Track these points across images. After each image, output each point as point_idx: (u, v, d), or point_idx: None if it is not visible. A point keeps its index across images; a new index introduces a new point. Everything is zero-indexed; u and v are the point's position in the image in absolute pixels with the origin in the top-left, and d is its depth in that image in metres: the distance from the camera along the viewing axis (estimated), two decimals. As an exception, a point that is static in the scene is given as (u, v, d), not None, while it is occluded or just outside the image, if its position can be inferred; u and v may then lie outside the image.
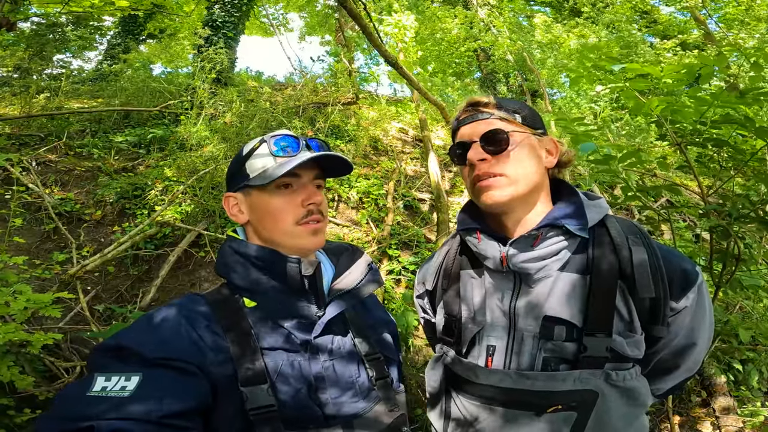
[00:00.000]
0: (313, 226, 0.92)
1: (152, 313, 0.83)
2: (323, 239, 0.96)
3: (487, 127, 0.93)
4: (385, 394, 0.92)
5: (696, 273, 0.90)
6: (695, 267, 0.91)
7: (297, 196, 0.93)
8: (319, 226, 0.93)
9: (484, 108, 0.96)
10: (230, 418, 0.77)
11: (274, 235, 0.92)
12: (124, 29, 9.57)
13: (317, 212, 0.93)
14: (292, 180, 0.92)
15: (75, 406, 0.66)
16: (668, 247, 0.94)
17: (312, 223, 0.92)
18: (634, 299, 0.87)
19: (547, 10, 13.45)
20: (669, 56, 8.89)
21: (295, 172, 0.91)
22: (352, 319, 0.97)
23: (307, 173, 0.94)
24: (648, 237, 0.92)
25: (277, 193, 0.92)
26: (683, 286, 0.88)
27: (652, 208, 2.26)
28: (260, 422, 0.76)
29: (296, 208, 0.92)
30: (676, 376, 0.98)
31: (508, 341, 0.92)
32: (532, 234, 0.91)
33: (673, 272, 0.88)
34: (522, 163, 0.92)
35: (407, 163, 6.11)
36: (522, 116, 0.96)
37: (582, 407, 0.84)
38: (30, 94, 5.88)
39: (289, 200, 0.92)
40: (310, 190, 0.93)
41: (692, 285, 0.88)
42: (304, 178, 0.94)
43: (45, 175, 4.57)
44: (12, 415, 2.22)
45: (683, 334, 0.91)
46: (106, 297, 3.52)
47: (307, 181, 0.94)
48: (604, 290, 0.87)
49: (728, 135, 1.85)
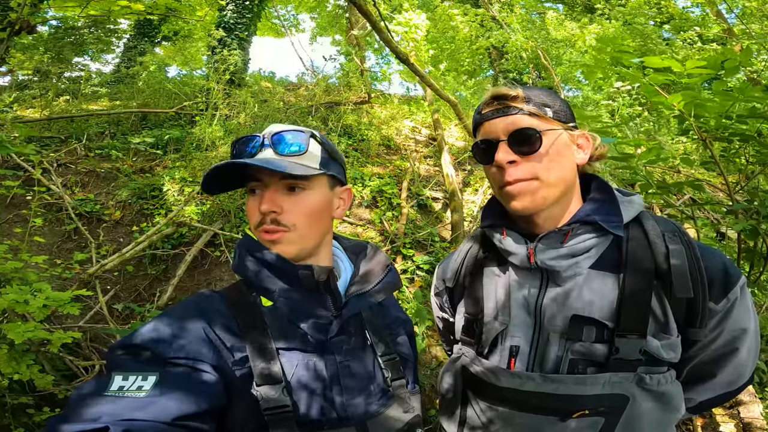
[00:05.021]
0: (267, 237, 0.87)
1: (169, 311, 0.82)
2: (287, 250, 0.87)
3: (515, 124, 0.86)
4: (400, 395, 0.91)
5: (738, 274, 0.84)
6: (736, 267, 0.86)
7: (255, 201, 0.88)
8: (273, 237, 0.86)
9: (511, 102, 0.87)
10: (244, 418, 0.76)
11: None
12: (139, 32, 9.74)
13: (271, 222, 0.86)
14: (255, 184, 0.88)
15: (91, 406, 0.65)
16: (708, 246, 0.89)
17: (264, 233, 0.87)
18: (670, 299, 0.82)
19: (559, 7, 13.25)
20: (686, 48, 8.68)
21: (256, 175, 0.87)
22: (368, 319, 0.95)
23: (270, 175, 0.86)
24: (686, 234, 0.87)
25: (248, 198, 0.91)
26: (724, 287, 0.82)
27: (673, 206, 2.20)
28: (274, 423, 0.75)
29: (255, 214, 0.88)
30: (712, 386, 0.91)
31: (533, 342, 0.88)
32: (563, 230, 0.87)
33: (714, 272, 0.83)
34: (555, 164, 0.86)
35: (420, 162, 6.08)
36: (553, 110, 0.88)
37: (610, 412, 0.80)
38: (50, 96, 6.02)
39: (252, 206, 0.89)
40: (266, 196, 0.86)
41: (733, 286, 0.83)
42: (266, 180, 0.87)
43: (65, 177, 4.67)
44: (31, 414, 2.26)
45: (723, 339, 0.85)
46: (125, 296, 3.59)
47: (271, 184, 0.87)
48: (639, 289, 0.82)
49: (754, 130, 1.79)
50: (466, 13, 9.31)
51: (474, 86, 10.68)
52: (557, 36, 9.90)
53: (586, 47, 8.53)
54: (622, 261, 0.85)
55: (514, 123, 0.87)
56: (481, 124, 0.92)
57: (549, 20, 10.87)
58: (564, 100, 0.93)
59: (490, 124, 0.90)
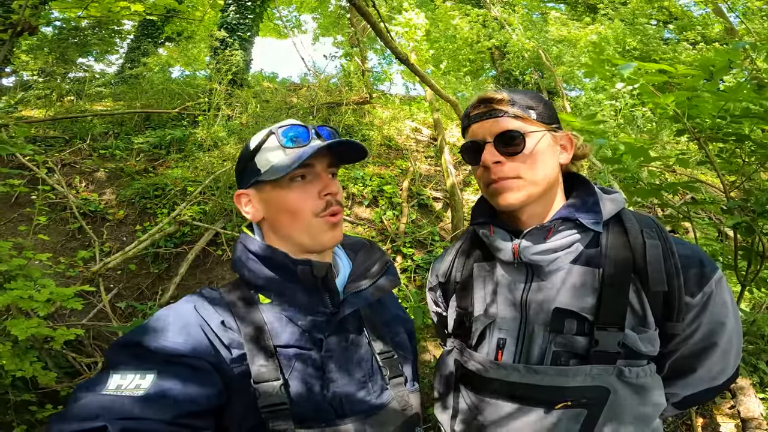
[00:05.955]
0: (332, 219, 0.88)
1: (168, 309, 0.82)
2: (341, 234, 0.92)
3: (500, 126, 0.90)
4: (398, 393, 0.91)
5: (714, 268, 0.87)
6: (712, 262, 0.88)
7: (313, 187, 0.88)
8: (338, 219, 0.89)
9: (497, 105, 0.92)
10: (242, 415, 0.77)
11: (293, 231, 0.89)
12: (142, 32, 9.79)
13: (336, 203, 0.89)
14: (305, 171, 0.88)
15: (89, 405, 0.65)
16: (685, 241, 0.92)
17: (331, 216, 0.88)
18: (647, 293, 0.84)
19: (561, 7, 13.22)
20: (687, 48, 8.65)
21: (308, 162, 0.86)
22: (367, 316, 0.96)
23: (320, 162, 0.89)
24: (664, 230, 0.90)
25: (291, 186, 0.87)
26: (699, 281, 0.85)
27: (671, 206, 2.21)
28: (272, 420, 0.76)
29: (314, 200, 0.87)
30: (693, 381, 0.93)
31: (519, 334, 0.90)
32: (545, 226, 0.90)
33: (689, 266, 0.85)
34: (538, 164, 0.90)
35: (421, 162, 6.09)
36: (537, 112, 0.92)
37: (593, 404, 0.82)
38: (54, 97, 6.06)
39: (306, 192, 0.87)
40: (325, 180, 0.89)
41: (708, 280, 0.85)
42: (318, 167, 0.89)
43: (70, 176, 4.71)
44: (34, 411, 2.27)
45: (701, 333, 0.87)
46: (128, 294, 3.62)
47: (321, 171, 0.89)
48: (617, 284, 0.85)
49: (749, 129, 1.79)
50: (468, 14, 9.31)
51: (475, 86, 10.66)
52: (559, 36, 9.87)
53: (587, 46, 8.52)
54: (601, 256, 0.88)
55: (499, 125, 0.90)
56: (469, 127, 0.96)
57: (551, 20, 10.85)
58: (548, 102, 0.97)
59: (477, 127, 0.94)
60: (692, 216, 2.17)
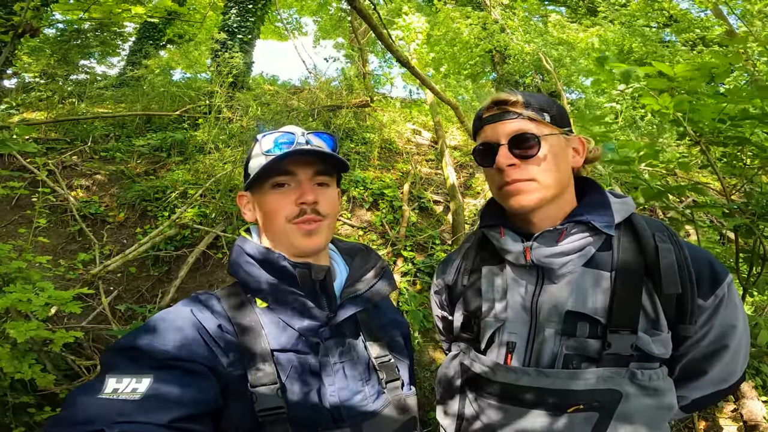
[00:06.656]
0: (305, 227, 0.88)
1: (165, 313, 0.82)
2: (320, 241, 0.90)
3: (515, 129, 0.90)
4: (395, 397, 0.91)
5: (725, 271, 0.87)
6: (723, 265, 0.89)
7: (292, 194, 0.89)
8: (312, 227, 0.88)
9: (511, 107, 0.91)
10: (239, 419, 0.77)
11: (273, 235, 0.91)
12: (144, 35, 9.81)
13: (311, 212, 0.88)
14: (286, 179, 0.89)
15: (85, 409, 0.64)
16: (695, 245, 0.92)
17: (304, 223, 0.88)
18: (659, 296, 0.85)
19: (562, 10, 13.24)
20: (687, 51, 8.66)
21: (290, 170, 0.88)
22: (363, 321, 0.96)
23: (304, 171, 0.90)
24: (675, 234, 0.90)
25: (271, 193, 0.90)
26: (711, 284, 0.86)
27: (675, 209, 2.20)
28: (269, 424, 0.76)
29: (290, 207, 0.88)
30: (703, 384, 0.93)
31: (529, 338, 0.90)
32: (557, 229, 0.90)
33: (701, 269, 0.86)
34: (552, 167, 0.90)
35: (422, 165, 6.09)
36: (551, 115, 0.92)
37: (604, 407, 0.81)
38: (56, 99, 6.07)
39: (285, 199, 0.89)
40: (304, 188, 0.89)
41: (720, 283, 0.86)
42: (301, 176, 0.89)
43: (70, 179, 4.71)
44: (32, 413, 2.26)
45: (713, 335, 0.87)
46: (128, 297, 3.61)
47: (304, 179, 0.90)
48: (629, 286, 0.85)
49: (749, 132, 1.79)
50: (468, 17, 9.32)
51: (476, 89, 10.68)
52: (559, 38, 9.88)
53: (587, 49, 8.52)
54: (613, 259, 0.88)
55: (513, 127, 0.90)
56: (482, 128, 0.96)
57: (552, 23, 10.86)
58: (561, 106, 0.97)
59: (491, 128, 0.93)
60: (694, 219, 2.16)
